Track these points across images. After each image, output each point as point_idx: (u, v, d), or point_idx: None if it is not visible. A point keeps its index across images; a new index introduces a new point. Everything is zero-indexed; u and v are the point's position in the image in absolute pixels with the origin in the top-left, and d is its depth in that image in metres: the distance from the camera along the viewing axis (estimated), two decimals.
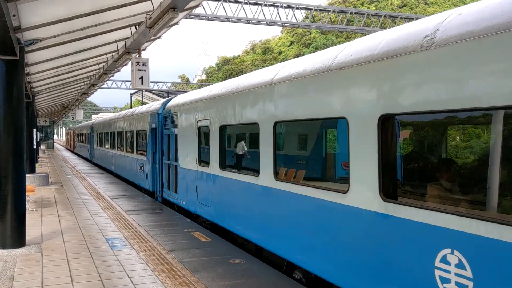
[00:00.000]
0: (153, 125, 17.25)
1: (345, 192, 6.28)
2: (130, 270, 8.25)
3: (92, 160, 38.66)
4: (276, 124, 8.17)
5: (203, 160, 12.15)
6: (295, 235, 7.55)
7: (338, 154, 8.01)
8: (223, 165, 10.80)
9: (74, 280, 7.75)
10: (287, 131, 8.76)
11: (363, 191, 5.84)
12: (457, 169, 5.52)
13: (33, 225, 12.20)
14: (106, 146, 30.38)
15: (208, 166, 11.49)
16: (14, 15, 8.00)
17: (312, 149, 8.89)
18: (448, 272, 4.47)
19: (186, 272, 8.14)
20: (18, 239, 9.84)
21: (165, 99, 17.67)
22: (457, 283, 4.35)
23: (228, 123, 10.36)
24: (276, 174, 8.25)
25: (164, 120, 15.98)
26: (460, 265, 4.35)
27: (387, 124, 5.50)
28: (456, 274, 4.39)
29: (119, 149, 25.66)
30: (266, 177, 8.53)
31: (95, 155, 37.10)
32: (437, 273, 4.59)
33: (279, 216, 8.16)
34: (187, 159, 13.34)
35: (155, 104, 18.67)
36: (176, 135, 14.46)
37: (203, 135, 12.15)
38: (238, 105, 9.80)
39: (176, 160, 14.55)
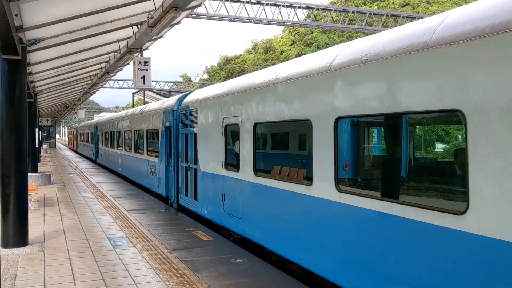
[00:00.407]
0: (167, 124, 15.72)
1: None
2: (132, 269, 8.26)
3: (97, 161, 37.18)
4: (338, 120, 6.62)
5: (230, 163, 10.55)
6: (379, 264, 5.80)
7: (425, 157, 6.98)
8: (258, 170, 9.17)
9: (76, 279, 7.76)
10: (358, 129, 7.02)
11: None
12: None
13: (36, 224, 12.22)
14: (112, 146, 28.68)
15: (238, 171, 9.90)
16: (16, 15, 8.02)
17: (393, 151, 6.51)
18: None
19: (188, 271, 8.15)
20: (21, 238, 9.86)
21: (180, 95, 15.94)
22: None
23: (265, 120, 8.79)
24: (338, 183, 6.69)
25: (181, 117, 14.37)
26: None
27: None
28: None
29: (126, 150, 23.93)
30: (323, 187, 6.99)
31: (99, 155, 35.42)
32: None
33: (344, 237, 6.53)
34: (210, 162, 11.70)
35: (168, 100, 16.97)
36: (195, 134, 12.83)
37: (230, 134, 10.58)
38: (279, 98, 8.25)
39: (195, 162, 12.88)
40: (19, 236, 9.84)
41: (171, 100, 16.11)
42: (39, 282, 7.60)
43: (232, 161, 10.51)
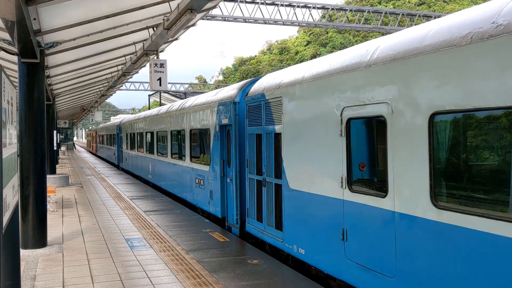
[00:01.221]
0: (224, 121, 12.07)
1: None
2: (149, 270, 8.31)
3: (120, 166, 33.09)
4: None
5: (361, 181, 6.89)
6: None
7: None
8: (440, 196, 5.27)
9: (94, 280, 7.83)
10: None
11: None
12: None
13: (54, 226, 12.37)
14: (140, 150, 24.58)
15: (385, 195, 6.04)
16: (34, 18, 8.14)
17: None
18: None
19: (204, 272, 8.17)
20: (40, 240, 9.99)
21: (242, 82, 12.17)
22: None
23: (461, 106, 4.92)
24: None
25: (248, 112, 10.60)
26: None
27: None
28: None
29: (160, 154, 20.18)
30: None
31: (123, 159, 31.55)
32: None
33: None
34: (313, 176, 7.83)
35: (224, 91, 13.03)
36: (277, 135, 9.16)
37: (360, 133, 6.91)
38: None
39: (278, 176, 9.15)
40: (38, 237, 9.97)
41: (230, 90, 12.30)
42: (58, 283, 7.69)
43: (365, 176, 7.01)
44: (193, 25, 13.47)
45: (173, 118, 17.85)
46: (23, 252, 9.66)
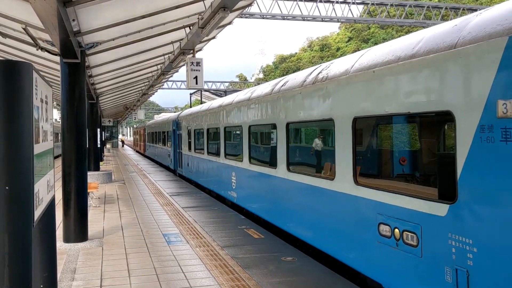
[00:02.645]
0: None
1: None
2: (184, 265, 8.45)
3: (178, 171, 26.21)
4: None
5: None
6: None
7: None
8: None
9: (131, 273, 8.04)
10: None
11: None
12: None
13: (96, 221, 12.76)
14: (212, 153, 17.51)
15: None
16: (73, 20, 8.41)
17: None
18: None
19: (238, 268, 8.24)
20: (81, 234, 10.34)
21: None
22: None
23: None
24: None
25: None
26: None
27: None
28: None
29: (260, 163, 12.16)
30: None
31: (183, 164, 24.33)
32: None
33: None
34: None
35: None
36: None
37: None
38: None
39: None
40: (79, 231, 10.32)
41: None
42: (96, 276, 7.93)
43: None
44: (230, 23, 13.56)
45: (290, 100, 9.80)
46: (65, 246, 10.04)
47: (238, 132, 14.06)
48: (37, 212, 3.79)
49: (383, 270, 6.49)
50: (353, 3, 34.73)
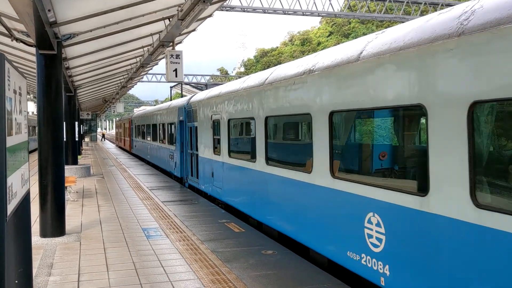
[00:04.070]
0: None
1: None
2: (164, 260, 8.38)
3: (189, 182, 18.33)
4: None
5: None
6: None
7: None
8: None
9: (109, 268, 7.94)
10: None
11: None
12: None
13: (74, 215, 12.58)
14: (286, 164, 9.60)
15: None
16: (49, 10, 8.22)
17: None
18: None
19: (218, 262, 8.20)
20: (58, 228, 10.17)
21: None
22: None
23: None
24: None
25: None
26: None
27: None
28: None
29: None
30: None
31: (204, 173, 15.64)
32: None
33: None
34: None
35: None
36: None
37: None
38: None
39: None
40: (56, 226, 10.15)
41: None
42: (74, 271, 7.81)
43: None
44: (210, 16, 13.43)
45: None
46: (42, 241, 9.87)
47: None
48: (10, 206, 3.69)
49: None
50: None
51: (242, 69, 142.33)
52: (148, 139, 29.43)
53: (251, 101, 10.74)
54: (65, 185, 12.09)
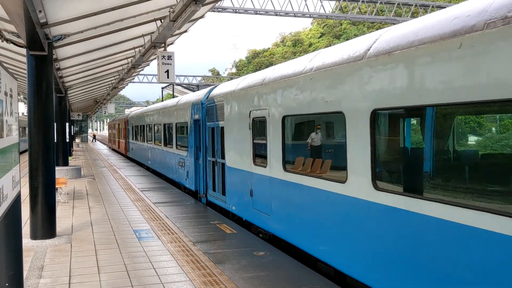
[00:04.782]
0: None
1: None
2: (155, 261, 8.36)
3: (209, 198, 14.26)
4: None
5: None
6: None
7: None
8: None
9: (100, 270, 7.91)
10: None
11: None
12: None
13: (64, 217, 12.50)
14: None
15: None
16: (40, 11, 8.18)
17: None
18: None
19: (210, 263, 8.20)
20: (49, 230, 10.12)
21: None
22: None
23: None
24: None
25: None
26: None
27: None
28: None
29: None
30: None
31: (230, 186, 12.14)
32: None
33: None
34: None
35: None
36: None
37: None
38: None
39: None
40: (47, 228, 10.09)
41: None
42: (64, 273, 7.77)
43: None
44: (202, 17, 13.44)
45: None
46: (32, 243, 9.80)
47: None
48: (1, 209, 3.67)
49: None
50: None
51: (234, 70, 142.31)
52: (149, 141, 25.50)
53: (336, 87, 7.12)
54: (56, 186, 12.03)
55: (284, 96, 8.82)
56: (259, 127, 10.31)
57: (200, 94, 15.78)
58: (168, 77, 11.69)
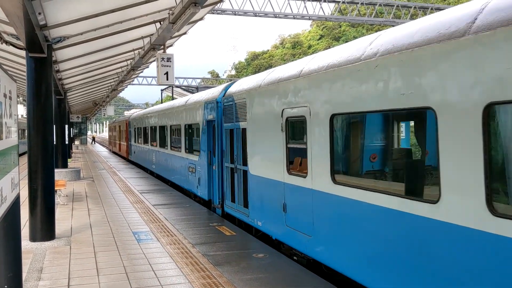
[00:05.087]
0: None
1: None
2: (154, 263, 8.35)
3: (227, 209, 12.45)
4: None
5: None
6: None
7: None
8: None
9: (100, 272, 7.90)
10: None
11: None
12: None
13: (64, 219, 12.50)
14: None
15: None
16: (39, 13, 8.19)
17: None
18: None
19: (209, 265, 8.19)
20: (48, 232, 10.11)
21: None
22: None
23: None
24: None
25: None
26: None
27: None
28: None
29: None
30: None
31: (255, 198, 10.37)
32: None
33: None
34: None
35: None
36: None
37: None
38: None
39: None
40: (46, 230, 10.08)
41: None
42: (64, 275, 7.76)
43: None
44: (201, 19, 13.45)
45: None
46: (31, 245, 9.79)
47: None
48: (0, 211, 3.67)
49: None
50: (325, 1, 34.99)
51: (233, 72, 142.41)
52: (154, 144, 23.68)
53: (417, 76, 5.29)
54: (55, 188, 12.02)
55: (333, 90, 7.05)
56: (295, 128, 8.67)
57: (214, 92, 14.00)
58: (167, 79, 11.70)
